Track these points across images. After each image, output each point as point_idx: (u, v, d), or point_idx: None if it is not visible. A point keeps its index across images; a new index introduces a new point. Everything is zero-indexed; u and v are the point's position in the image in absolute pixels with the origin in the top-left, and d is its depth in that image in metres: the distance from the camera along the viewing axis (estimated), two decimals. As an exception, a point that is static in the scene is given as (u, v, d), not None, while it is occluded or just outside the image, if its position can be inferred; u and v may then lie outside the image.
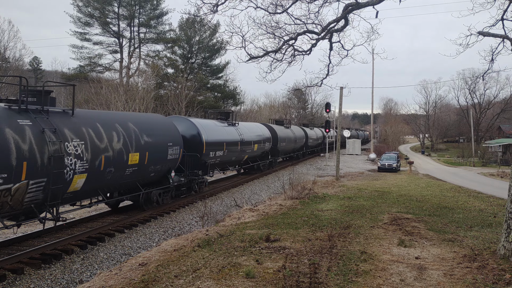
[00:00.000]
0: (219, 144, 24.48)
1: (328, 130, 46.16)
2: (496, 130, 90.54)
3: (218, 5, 12.71)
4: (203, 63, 62.81)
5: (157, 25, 57.35)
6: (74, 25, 54.91)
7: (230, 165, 28.47)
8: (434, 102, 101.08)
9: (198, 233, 12.73)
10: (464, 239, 12.05)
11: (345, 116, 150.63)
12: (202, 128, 22.88)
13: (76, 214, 17.54)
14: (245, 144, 29.02)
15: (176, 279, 8.42)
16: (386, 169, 38.78)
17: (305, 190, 21.32)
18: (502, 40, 12.83)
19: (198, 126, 22.74)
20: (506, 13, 12.56)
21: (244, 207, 18.91)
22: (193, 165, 21.61)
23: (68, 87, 61.53)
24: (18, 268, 10.73)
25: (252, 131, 31.70)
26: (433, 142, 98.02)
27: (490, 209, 18.22)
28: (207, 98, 60.97)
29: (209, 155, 23.21)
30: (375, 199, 20.11)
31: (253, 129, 32.22)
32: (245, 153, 29.88)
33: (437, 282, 8.34)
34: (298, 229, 12.93)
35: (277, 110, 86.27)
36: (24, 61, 67.90)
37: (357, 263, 9.44)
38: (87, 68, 55.61)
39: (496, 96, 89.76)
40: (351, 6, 12.66)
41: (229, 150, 26.06)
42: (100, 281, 8.84)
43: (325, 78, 15.40)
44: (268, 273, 8.65)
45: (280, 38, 13.90)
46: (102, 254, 13.03)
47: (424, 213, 16.42)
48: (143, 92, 43.63)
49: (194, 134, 22.23)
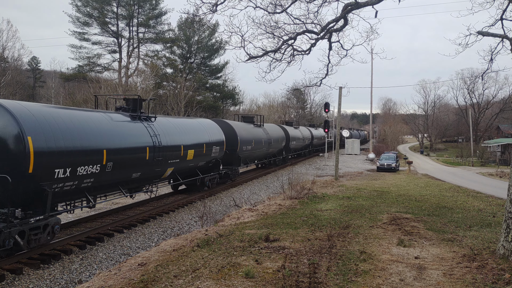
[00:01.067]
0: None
1: (327, 130, 46.30)
2: (494, 130, 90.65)
3: (218, 5, 12.68)
4: (202, 63, 62.79)
5: (156, 25, 57.33)
6: (73, 25, 54.91)
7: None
8: (433, 102, 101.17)
9: (198, 233, 12.72)
10: (463, 238, 12.05)
11: (344, 116, 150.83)
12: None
13: (75, 215, 17.49)
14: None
15: (175, 279, 8.41)
16: (385, 169, 38.80)
17: (304, 190, 21.32)
18: (501, 40, 12.83)
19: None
20: (505, 13, 12.56)
21: (243, 207, 18.91)
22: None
23: (66, 87, 61.46)
24: (17, 268, 10.70)
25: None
26: (432, 142, 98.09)
27: (489, 208, 18.23)
28: (206, 98, 60.96)
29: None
30: (374, 199, 20.11)
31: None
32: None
33: (436, 281, 8.34)
34: (297, 229, 12.93)
35: (276, 110, 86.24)
36: (23, 61, 67.94)
37: (357, 263, 9.43)
38: (86, 68, 55.55)
39: (495, 96, 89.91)
40: (350, 5, 12.64)
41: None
42: (99, 281, 8.82)
43: (324, 78, 15.37)
44: (267, 273, 8.64)
45: (279, 38, 13.88)
46: (101, 254, 13.01)
47: (423, 213, 16.42)
48: (142, 92, 43.59)
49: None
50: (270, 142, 35.03)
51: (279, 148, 39.64)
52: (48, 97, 60.19)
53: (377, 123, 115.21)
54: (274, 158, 39.58)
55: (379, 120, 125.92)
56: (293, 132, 45.62)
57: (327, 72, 15.20)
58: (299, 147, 49.88)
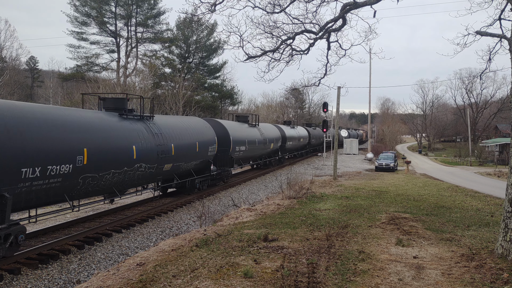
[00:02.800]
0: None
1: (325, 130, 46.31)
2: (493, 130, 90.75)
3: (216, 5, 12.67)
4: (200, 63, 62.74)
5: (155, 24, 57.20)
6: (71, 24, 54.69)
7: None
8: (431, 102, 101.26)
9: (196, 233, 12.71)
10: (461, 238, 12.07)
11: (343, 116, 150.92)
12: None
13: (73, 214, 17.48)
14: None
15: (174, 279, 8.40)
16: (383, 169, 38.83)
17: (302, 189, 21.33)
18: (499, 40, 12.84)
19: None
20: (503, 13, 12.56)
21: (242, 206, 18.90)
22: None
23: (64, 87, 61.38)
24: (15, 269, 10.68)
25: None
26: (430, 141, 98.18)
27: (487, 208, 18.26)
28: (204, 98, 60.89)
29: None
30: (372, 198, 20.12)
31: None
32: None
33: (435, 281, 8.34)
34: (296, 229, 12.93)
35: (274, 110, 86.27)
36: (21, 61, 67.83)
37: (355, 262, 9.44)
38: (84, 68, 55.39)
39: (493, 96, 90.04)
40: (349, 5, 12.65)
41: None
42: (98, 281, 8.81)
43: (323, 77, 15.37)
44: (266, 273, 8.63)
45: (278, 37, 13.88)
46: (100, 254, 12.99)
47: (422, 212, 16.44)
48: (140, 91, 43.55)
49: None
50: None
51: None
52: (46, 97, 60.13)
53: (375, 123, 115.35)
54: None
55: (378, 120, 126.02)
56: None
57: (326, 72, 15.21)
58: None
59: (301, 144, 50.74)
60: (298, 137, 48.06)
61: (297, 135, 47.81)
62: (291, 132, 45.44)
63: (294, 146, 47.35)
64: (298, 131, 49.64)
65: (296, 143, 47.91)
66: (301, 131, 51.34)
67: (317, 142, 60.36)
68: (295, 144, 47.14)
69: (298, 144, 49.07)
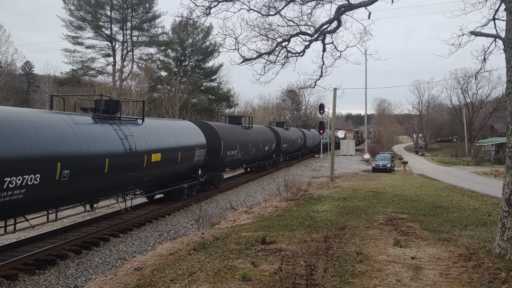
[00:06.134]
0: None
1: (322, 131, 46.35)
2: (489, 129, 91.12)
3: (211, 8, 12.71)
4: (196, 66, 62.79)
5: (150, 28, 57.25)
6: (66, 29, 54.73)
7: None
8: (427, 102, 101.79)
9: (194, 236, 12.67)
10: (459, 238, 12.09)
11: (339, 117, 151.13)
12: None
13: (71, 219, 17.42)
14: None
15: (172, 283, 8.38)
16: (380, 170, 38.88)
17: (300, 191, 21.31)
18: (494, 40, 12.91)
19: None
20: (497, 13, 12.64)
21: (239, 209, 18.86)
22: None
23: (60, 92, 61.20)
24: (12, 274, 10.62)
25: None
26: (427, 141, 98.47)
27: (485, 208, 18.29)
28: (200, 101, 60.91)
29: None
30: (370, 199, 20.14)
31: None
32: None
33: (433, 282, 8.35)
34: (293, 231, 12.92)
35: (271, 112, 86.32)
36: (16, 66, 67.69)
37: (353, 264, 9.43)
38: (79, 72, 55.33)
39: (488, 95, 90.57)
40: (343, 7, 12.69)
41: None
42: (95, 286, 8.77)
43: (319, 79, 15.43)
44: (264, 276, 8.62)
45: (273, 40, 13.92)
46: (97, 259, 12.94)
47: (419, 213, 16.46)
48: (137, 95, 43.50)
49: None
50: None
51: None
52: (42, 101, 59.91)
53: (372, 124, 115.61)
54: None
55: (374, 120, 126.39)
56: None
57: (321, 73, 15.26)
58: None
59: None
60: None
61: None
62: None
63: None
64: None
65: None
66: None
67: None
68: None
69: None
